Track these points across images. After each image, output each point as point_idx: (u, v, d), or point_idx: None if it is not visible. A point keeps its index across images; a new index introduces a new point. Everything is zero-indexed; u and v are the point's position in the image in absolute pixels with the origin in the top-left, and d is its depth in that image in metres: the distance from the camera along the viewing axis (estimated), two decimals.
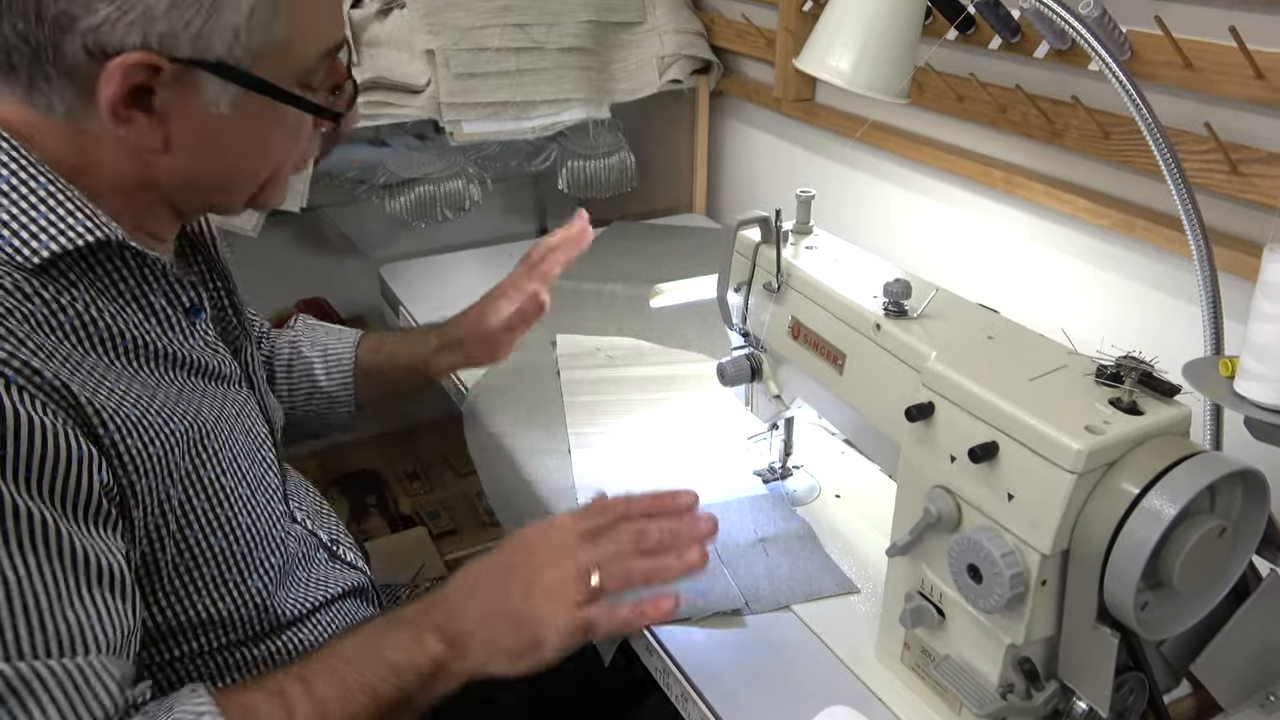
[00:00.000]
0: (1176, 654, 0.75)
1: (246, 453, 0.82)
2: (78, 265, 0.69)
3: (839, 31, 0.95)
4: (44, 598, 0.61)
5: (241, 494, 0.80)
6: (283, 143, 0.77)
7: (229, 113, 0.70)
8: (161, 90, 0.67)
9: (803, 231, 0.96)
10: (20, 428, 0.60)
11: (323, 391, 1.13)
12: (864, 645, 0.85)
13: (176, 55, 0.65)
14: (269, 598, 0.82)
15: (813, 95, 1.60)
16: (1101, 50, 0.83)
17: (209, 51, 0.66)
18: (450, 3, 1.52)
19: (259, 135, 0.74)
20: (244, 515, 0.79)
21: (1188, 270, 1.07)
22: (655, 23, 1.68)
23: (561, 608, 0.76)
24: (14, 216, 0.66)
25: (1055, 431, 0.64)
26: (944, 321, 0.80)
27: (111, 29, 0.63)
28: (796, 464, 1.08)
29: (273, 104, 0.71)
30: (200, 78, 0.68)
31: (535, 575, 0.79)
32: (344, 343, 1.14)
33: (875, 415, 0.83)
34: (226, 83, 0.68)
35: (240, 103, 0.70)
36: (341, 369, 1.13)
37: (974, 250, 1.36)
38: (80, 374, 0.66)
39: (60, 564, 0.62)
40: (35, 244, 0.66)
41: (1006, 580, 0.67)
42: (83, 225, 0.68)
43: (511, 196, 1.95)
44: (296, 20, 0.70)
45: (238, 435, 0.81)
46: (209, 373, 0.80)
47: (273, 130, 0.74)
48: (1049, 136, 1.17)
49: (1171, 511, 0.61)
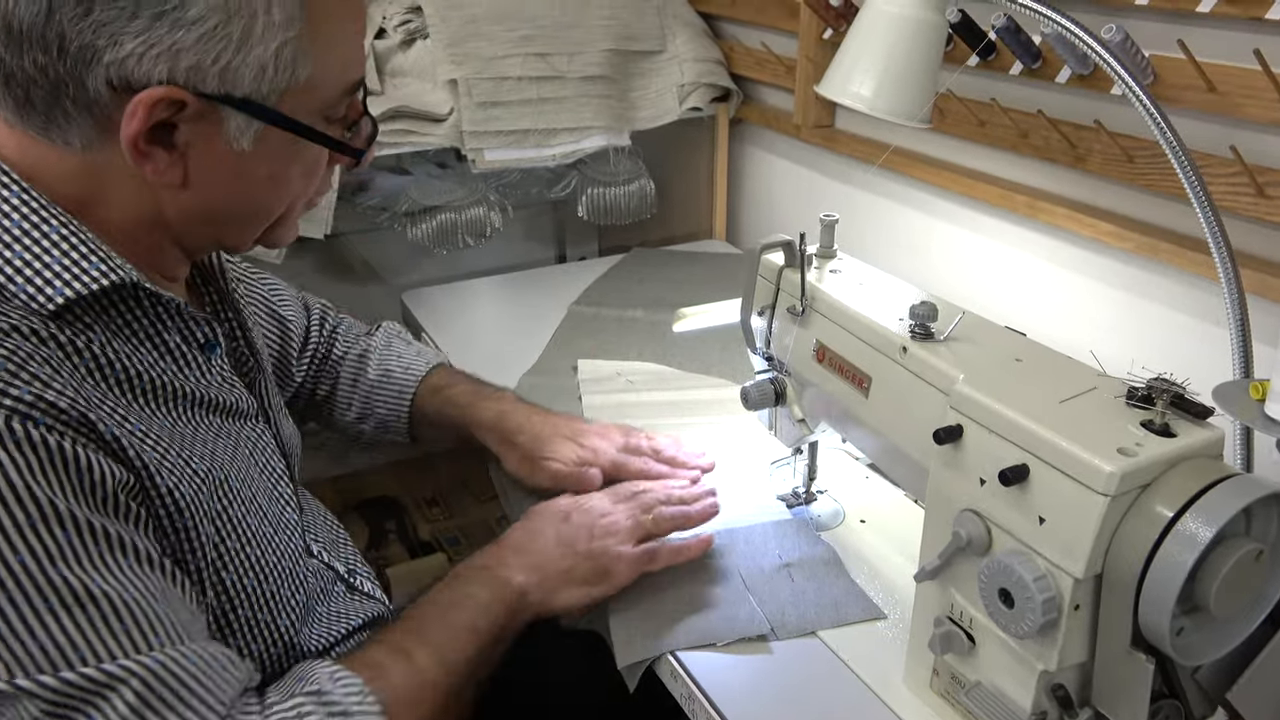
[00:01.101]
0: (1212, 681, 0.73)
1: (264, 490, 0.81)
2: (92, 308, 0.68)
3: (860, 57, 0.96)
4: (144, 600, 0.63)
5: (265, 532, 0.79)
6: (300, 179, 0.76)
7: (250, 148, 0.69)
8: (184, 125, 0.66)
9: (827, 255, 0.96)
10: (67, 458, 0.61)
11: (377, 416, 1.13)
12: (892, 671, 0.84)
13: (203, 90, 0.65)
14: (295, 635, 0.81)
15: (832, 122, 1.60)
16: (1125, 75, 0.84)
17: (236, 87, 0.66)
18: (473, 33, 1.54)
19: (278, 171, 0.73)
20: (270, 554, 0.79)
21: (1213, 293, 1.07)
22: (675, 51, 1.70)
23: (625, 542, 0.88)
24: (27, 263, 0.65)
25: (1087, 454, 0.64)
26: (971, 344, 0.79)
27: (138, 63, 0.63)
28: (821, 489, 1.07)
29: (293, 140, 0.71)
30: (224, 113, 0.67)
31: (593, 520, 0.90)
32: (410, 374, 1.13)
33: (902, 439, 0.82)
34: (250, 119, 0.68)
35: (262, 138, 0.69)
36: (400, 400, 1.12)
37: (997, 275, 1.36)
38: (103, 412, 0.65)
39: (143, 571, 0.64)
40: (50, 290, 0.65)
41: (1039, 605, 0.66)
42: (97, 269, 0.67)
43: (532, 223, 1.96)
44: (322, 57, 0.69)
45: (254, 473, 0.80)
46: (225, 409, 0.79)
47: (291, 166, 0.74)
48: (1072, 161, 1.17)
49: (1208, 534, 0.60)
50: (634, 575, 0.89)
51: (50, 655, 0.58)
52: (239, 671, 0.67)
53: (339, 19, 0.70)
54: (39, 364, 0.62)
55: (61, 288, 0.65)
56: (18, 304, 0.64)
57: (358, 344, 1.15)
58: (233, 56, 0.65)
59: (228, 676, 0.65)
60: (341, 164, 0.80)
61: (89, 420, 0.63)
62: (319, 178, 0.78)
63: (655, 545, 0.89)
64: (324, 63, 0.69)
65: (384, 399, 1.12)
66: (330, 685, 0.70)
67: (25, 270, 0.65)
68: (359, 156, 0.78)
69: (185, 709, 0.62)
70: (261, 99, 0.67)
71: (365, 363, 1.14)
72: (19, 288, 0.64)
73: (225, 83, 0.65)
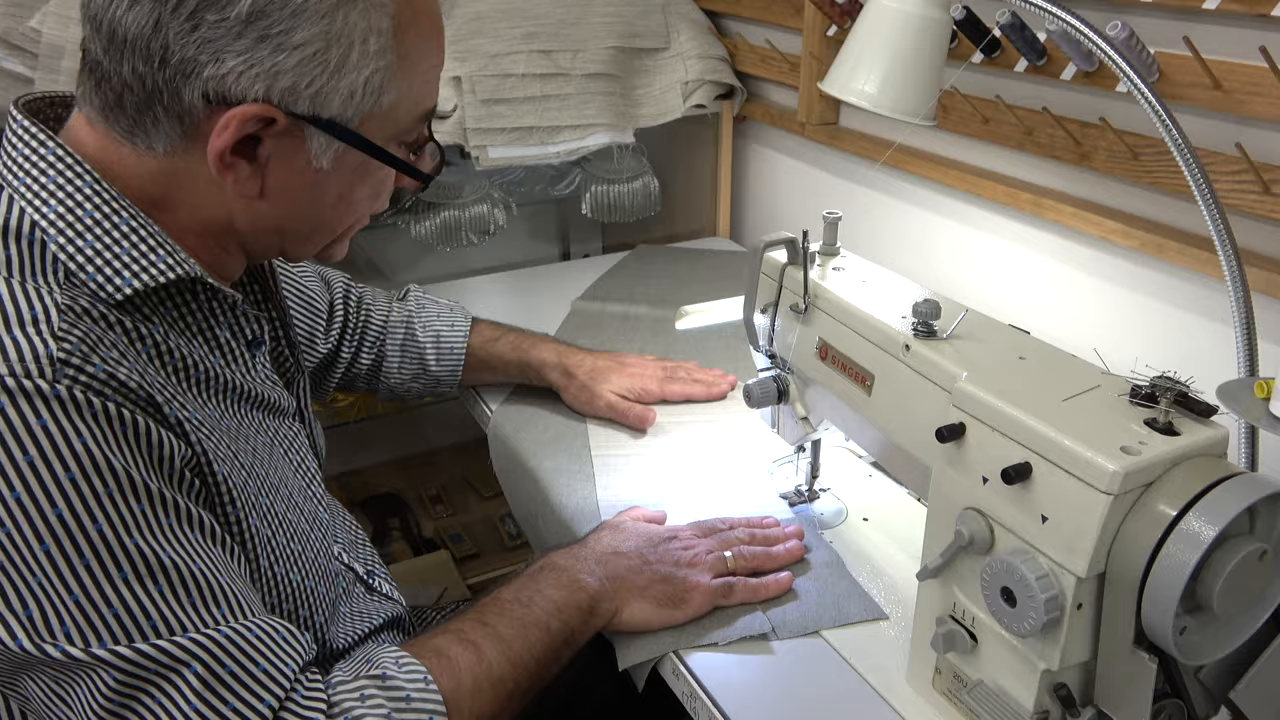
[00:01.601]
0: (1215, 680, 0.73)
1: (300, 488, 0.83)
2: (151, 299, 0.70)
3: (865, 54, 0.96)
4: (210, 572, 0.65)
5: (302, 528, 0.80)
6: (367, 199, 0.79)
7: (328, 167, 0.71)
8: (269, 140, 0.68)
9: (829, 253, 0.96)
10: (139, 432, 0.63)
11: (431, 374, 1.20)
12: (894, 671, 0.84)
13: (294, 111, 0.67)
14: (325, 632, 0.82)
15: (836, 119, 1.60)
16: (1130, 71, 0.83)
17: (325, 109, 0.68)
18: (477, 30, 1.54)
19: (349, 190, 0.76)
20: (309, 550, 0.80)
21: (1219, 291, 1.06)
22: (680, 48, 1.70)
23: (705, 575, 0.89)
24: (98, 252, 0.67)
25: (1090, 452, 0.64)
26: (974, 342, 0.79)
27: (236, 80, 0.65)
28: (823, 487, 1.07)
29: (367, 161, 0.73)
30: (309, 133, 0.69)
31: (675, 549, 0.91)
32: (457, 331, 1.21)
33: (904, 436, 0.82)
34: (332, 139, 0.70)
35: (339, 158, 0.72)
36: (453, 358, 1.21)
37: (1002, 273, 1.35)
38: (166, 395, 0.67)
39: (208, 543, 0.66)
40: (119, 280, 0.67)
41: (1041, 604, 0.66)
42: (164, 262, 0.69)
43: (535, 221, 1.96)
44: (406, 86, 0.72)
45: (289, 471, 0.82)
46: (268, 406, 0.81)
47: (361, 186, 0.77)
48: (1077, 158, 1.16)
49: (1211, 533, 0.60)
50: (708, 607, 0.88)
51: (125, 625, 0.60)
52: (301, 646, 0.69)
53: (424, 52, 0.73)
54: (108, 347, 0.64)
55: (130, 279, 0.68)
56: (87, 291, 0.66)
57: (396, 311, 1.21)
58: (327, 81, 0.67)
59: (291, 650, 0.67)
60: (407, 187, 0.82)
61: (155, 401, 0.65)
62: (385, 199, 0.81)
63: (734, 580, 0.89)
64: (406, 91, 0.72)
65: (438, 358, 1.20)
66: (395, 670, 0.71)
67: (96, 260, 0.67)
68: (427, 182, 0.80)
69: (252, 682, 0.64)
70: (346, 121, 0.70)
71: (411, 329, 1.20)
72: (89, 276, 0.67)
73: (316, 105, 0.68)
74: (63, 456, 0.59)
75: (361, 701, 0.68)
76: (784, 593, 0.91)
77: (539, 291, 1.63)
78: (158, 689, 0.61)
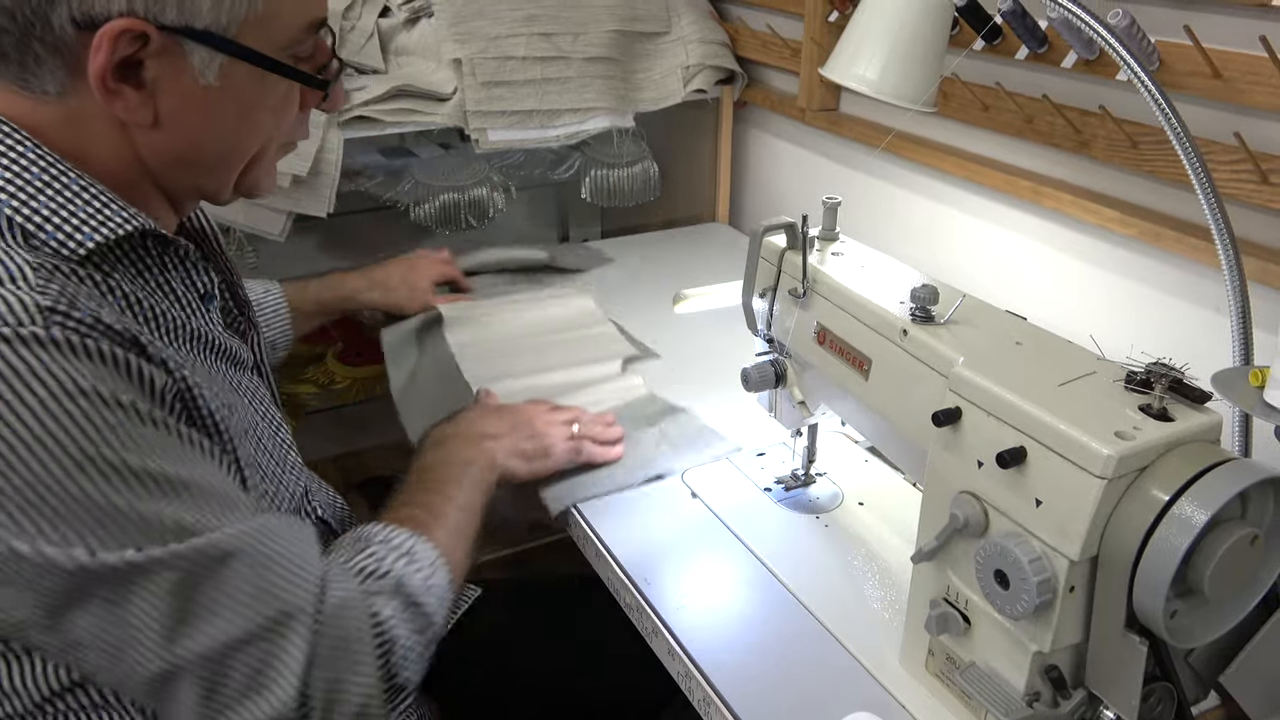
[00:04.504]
0: (1205, 664, 0.74)
1: (269, 434, 0.85)
2: (111, 255, 0.71)
3: (866, 40, 0.96)
4: (222, 485, 0.68)
5: (276, 473, 0.83)
6: (269, 117, 0.78)
7: (217, 84, 0.71)
8: (150, 62, 0.68)
9: (829, 238, 0.96)
10: (133, 369, 0.65)
11: (266, 340, 1.16)
12: (888, 652, 0.85)
13: (163, 22, 0.67)
14: None
15: (837, 105, 1.60)
16: (1131, 60, 0.83)
17: (195, 18, 0.68)
18: (477, 12, 1.53)
19: (246, 108, 0.75)
20: (284, 491, 0.83)
21: (1215, 280, 1.07)
22: (680, 33, 1.69)
23: (561, 433, 1.05)
24: (54, 211, 0.68)
25: (1085, 437, 0.64)
26: (971, 327, 0.79)
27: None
28: (820, 471, 1.08)
29: (259, 75, 0.73)
30: (187, 48, 0.69)
31: (534, 413, 1.06)
32: (273, 294, 1.25)
33: (901, 421, 0.83)
34: (213, 52, 0.70)
35: (227, 73, 0.71)
36: (280, 319, 1.25)
37: (999, 259, 1.35)
38: (148, 338, 0.68)
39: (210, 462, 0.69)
40: (80, 235, 0.68)
41: (1034, 587, 0.67)
42: (120, 216, 0.70)
43: (535, 205, 1.96)
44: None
45: (256, 418, 0.84)
46: (229, 356, 0.82)
47: (260, 103, 0.76)
48: (1076, 146, 1.16)
49: (1202, 518, 0.61)
50: (567, 460, 1.04)
51: (169, 528, 0.63)
52: (311, 533, 0.72)
53: None
54: (86, 297, 0.65)
55: (90, 233, 0.68)
56: (48, 251, 0.67)
57: None
58: None
59: (309, 537, 0.71)
60: (314, 105, 0.81)
61: (139, 342, 0.66)
62: (290, 117, 0.80)
63: (582, 443, 1.06)
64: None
65: (266, 322, 1.23)
66: (386, 535, 0.80)
67: (54, 219, 0.67)
68: (325, 88, 0.79)
69: (296, 560, 0.68)
70: (222, 30, 0.69)
71: None
72: (49, 235, 0.67)
73: (184, 14, 0.67)
74: (70, 394, 0.61)
75: (376, 560, 0.76)
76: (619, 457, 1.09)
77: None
78: (214, 579, 0.63)
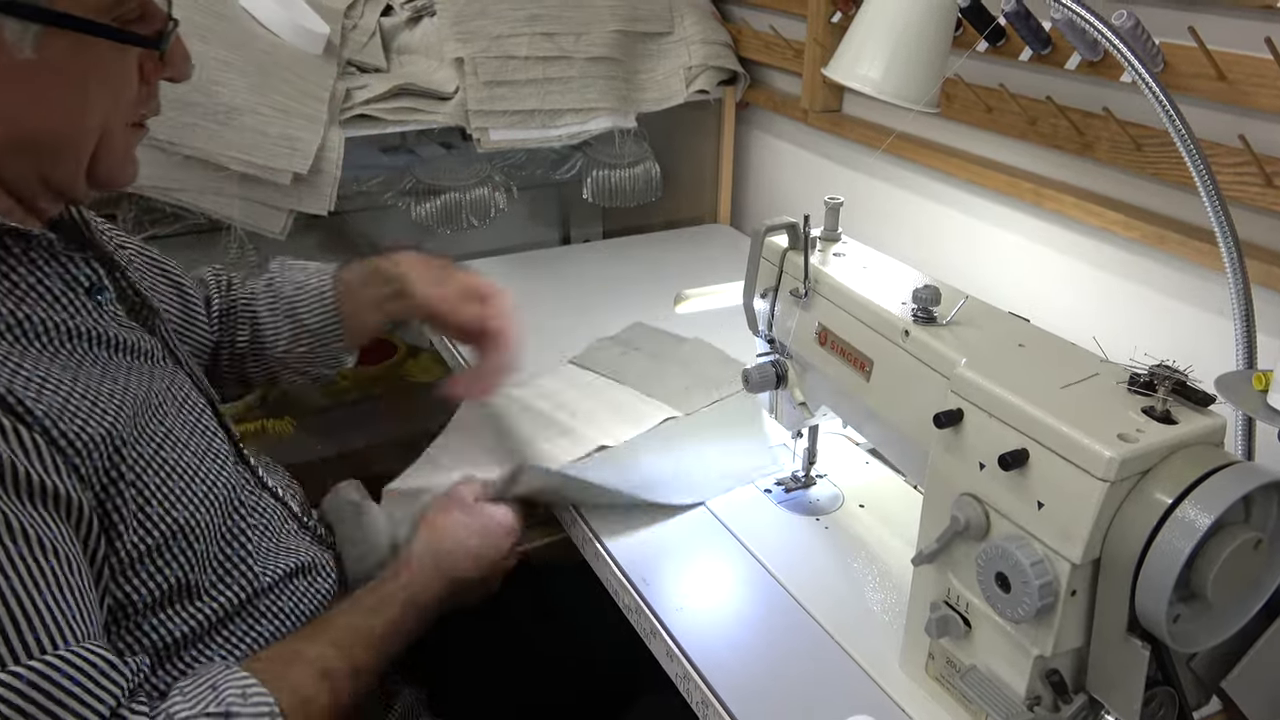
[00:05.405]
0: (1207, 669, 0.73)
1: (184, 424, 0.81)
2: None
3: (869, 40, 0.95)
4: (28, 594, 0.61)
5: (188, 464, 0.78)
6: (104, 91, 0.72)
7: (35, 56, 0.66)
8: None
9: (831, 239, 0.96)
10: None
11: (306, 328, 1.08)
12: (888, 655, 0.84)
13: None
14: (251, 565, 0.82)
15: (839, 106, 1.60)
16: (1135, 62, 0.83)
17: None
18: (480, 11, 1.53)
19: (73, 82, 0.70)
20: (198, 485, 0.78)
21: (1219, 283, 1.06)
22: (683, 33, 1.69)
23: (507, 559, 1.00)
24: None
25: (1087, 439, 0.64)
26: (974, 328, 0.79)
27: None
28: (820, 473, 1.08)
29: (81, 42, 0.68)
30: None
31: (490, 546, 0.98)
32: (322, 275, 1.09)
33: (902, 422, 0.82)
34: (24, 22, 0.64)
35: (45, 44, 0.66)
36: (324, 305, 1.07)
37: (1002, 261, 1.35)
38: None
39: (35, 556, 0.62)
40: None
41: (1035, 590, 0.66)
42: None
43: (536, 205, 1.96)
44: None
45: (170, 407, 0.80)
46: (129, 348, 0.78)
47: (88, 75, 0.70)
48: (1079, 149, 1.16)
49: (1206, 521, 0.60)
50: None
51: None
52: (123, 676, 0.65)
53: None
54: None
55: None
56: None
57: (258, 280, 1.11)
58: None
59: (108, 684, 0.63)
60: (160, 76, 0.76)
61: None
62: (131, 90, 0.75)
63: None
64: None
65: (308, 307, 1.07)
66: (241, 705, 0.68)
67: None
68: (155, 46, 0.74)
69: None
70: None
71: (273, 287, 1.10)
72: None
73: None
74: None
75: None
76: None
77: (539, 275, 1.63)
78: None
